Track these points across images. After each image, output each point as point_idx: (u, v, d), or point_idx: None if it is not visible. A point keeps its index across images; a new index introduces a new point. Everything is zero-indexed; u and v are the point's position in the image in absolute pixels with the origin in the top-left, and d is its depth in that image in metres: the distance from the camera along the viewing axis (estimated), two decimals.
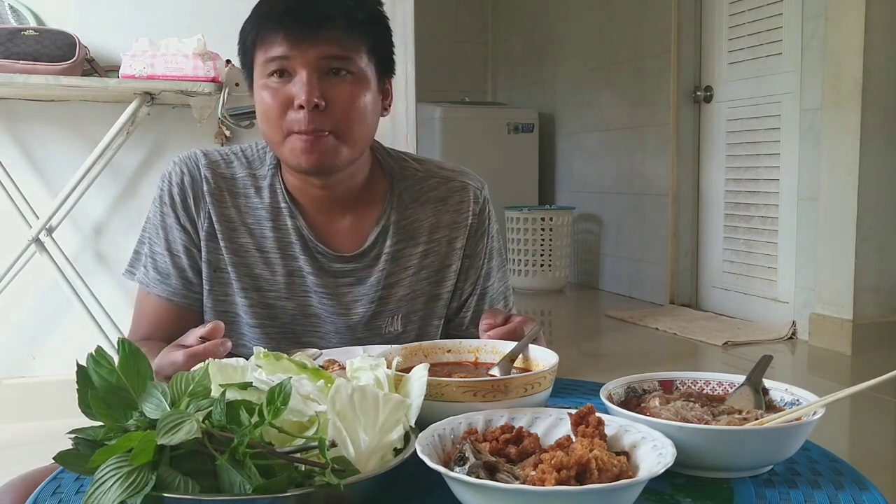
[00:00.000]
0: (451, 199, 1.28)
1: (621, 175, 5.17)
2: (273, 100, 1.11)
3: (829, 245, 3.62)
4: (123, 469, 0.62)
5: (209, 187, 1.21)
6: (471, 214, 1.28)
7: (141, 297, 1.25)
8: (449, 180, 1.29)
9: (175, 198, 1.20)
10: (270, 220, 1.21)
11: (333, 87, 1.11)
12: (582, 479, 0.66)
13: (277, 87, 1.11)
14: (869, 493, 0.75)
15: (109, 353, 0.71)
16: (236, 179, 1.23)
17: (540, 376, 0.86)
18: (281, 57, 1.10)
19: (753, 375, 0.91)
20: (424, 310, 1.27)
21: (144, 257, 1.24)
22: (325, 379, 0.78)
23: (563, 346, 3.87)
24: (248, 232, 1.21)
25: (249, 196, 1.22)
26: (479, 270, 1.30)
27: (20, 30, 2.34)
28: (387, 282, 1.23)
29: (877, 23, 3.40)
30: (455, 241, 1.27)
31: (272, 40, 1.10)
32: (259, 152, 1.25)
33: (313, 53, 1.09)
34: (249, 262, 1.20)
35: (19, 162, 2.61)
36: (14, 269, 2.53)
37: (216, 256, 1.21)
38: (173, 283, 1.21)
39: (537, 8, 6.07)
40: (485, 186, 1.32)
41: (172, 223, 1.21)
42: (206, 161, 1.22)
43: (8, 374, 2.68)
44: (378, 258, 1.23)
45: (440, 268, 1.27)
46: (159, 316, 1.22)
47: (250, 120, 2.55)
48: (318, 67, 1.10)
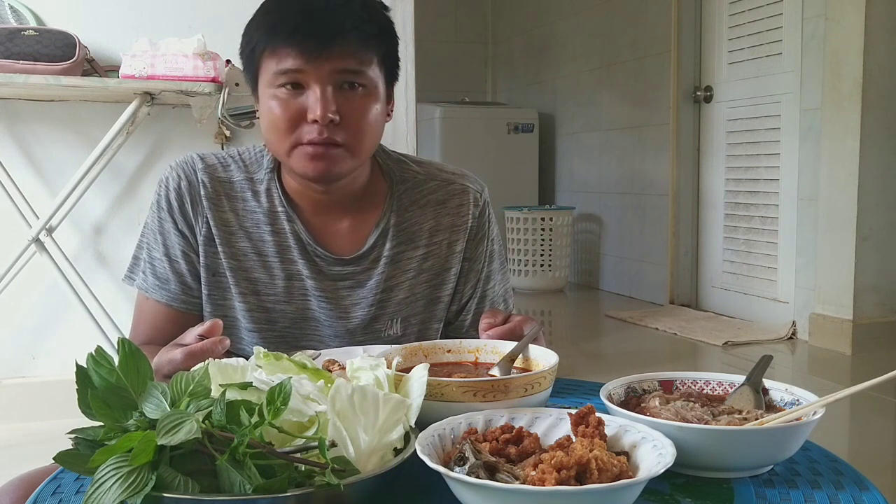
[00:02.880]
0: (451, 201, 1.27)
1: (621, 175, 5.17)
2: (284, 111, 1.10)
3: (829, 245, 3.62)
4: (123, 469, 0.62)
5: (206, 192, 1.20)
6: (471, 217, 1.28)
7: (140, 302, 1.25)
8: (449, 183, 1.29)
9: (172, 203, 1.20)
10: (268, 223, 1.20)
11: (347, 101, 1.10)
12: (582, 479, 0.66)
13: (288, 99, 1.10)
14: (869, 493, 0.75)
15: (109, 353, 0.71)
16: (234, 183, 1.22)
17: (540, 376, 0.86)
18: (294, 70, 1.08)
19: (753, 375, 0.91)
20: (424, 313, 1.26)
21: (143, 262, 1.23)
22: (325, 379, 0.78)
23: (563, 346, 3.87)
24: (247, 236, 1.20)
25: (247, 200, 1.22)
26: (479, 273, 1.30)
27: (20, 30, 2.34)
28: (386, 285, 1.23)
29: (877, 23, 3.40)
30: (455, 244, 1.27)
31: (284, 53, 1.08)
32: (256, 156, 1.25)
33: (327, 68, 1.08)
34: (247, 267, 1.20)
35: (19, 162, 2.61)
36: (14, 269, 2.53)
37: (214, 261, 1.20)
38: (172, 289, 1.21)
39: (537, 8, 6.07)
40: (485, 189, 1.32)
41: (170, 228, 1.20)
42: (203, 165, 1.22)
43: (8, 374, 2.68)
44: (377, 261, 1.23)
45: (440, 271, 1.26)
46: (159, 320, 1.22)
47: (250, 120, 2.54)
48: (332, 81, 1.09)
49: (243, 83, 2.51)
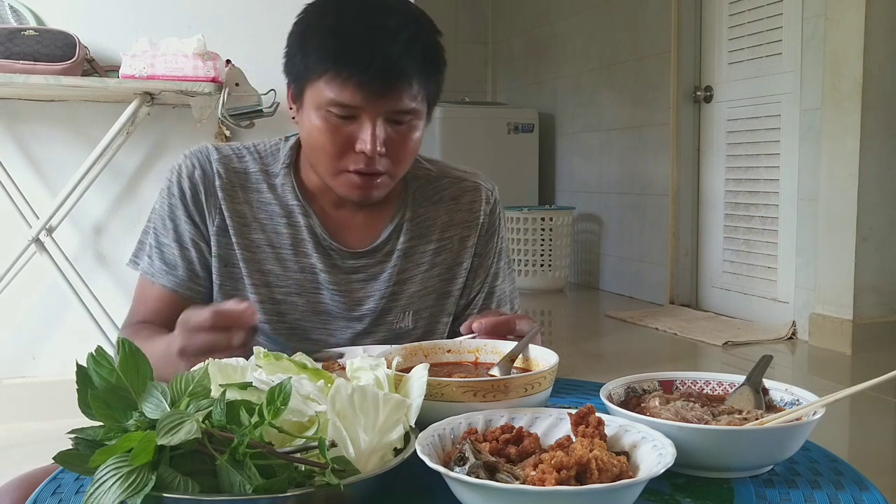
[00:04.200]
0: (464, 198, 1.30)
1: (621, 175, 5.17)
2: (333, 137, 1.11)
3: (829, 245, 3.62)
4: (123, 469, 0.62)
5: (221, 182, 1.21)
6: (482, 214, 1.31)
7: (144, 287, 1.24)
8: (461, 180, 1.32)
9: (185, 191, 1.20)
10: (283, 216, 1.21)
11: (396, 134, 1.12)
12: (582, 479, 0.66)
13: (338, 126, 1.10)
14: (869, 493, 0.75)
15: (109, 353, 0.71)
16: (249, 175, 1.23)
17: (540, 376, 0.87)
18: (350, 105, 1.09)
19: (753, 375, 0.91)
20: (434, 307, 1.28)
21: (149, 247, 1.23)
22: (325, 379, 0.78)
23: (563, 346, 3.87)
24: (261, 228, 1.21)
25: (262, 192, 1.22)
26: (489, 269, 1.32)
27: (20, 30, 2.34)
28: (399, 278, 1.25)
29: (877, 23, 3.40)
30: (467, 239, 1.30)
31: (344, 86, 1.08)
32: (272, 149, 1.26)
33: (383, 106, 1.09)
34: (260, 258, 1.21)
35: (19, 162, 2.61)
36: (14, 269, 2.53)
37: (228, 252, 1.21)
38: (180, 275, 1.20)
39: (537, 8, 6.06)
40: (496, 188, 1.35)
41: (181, 215, 1.20)
42: (217, 156, 1.23)
43: (8, 374, 2.67)
44: (391, 254, 1.25)
45: (451, 265, 1.29)
46: (162, 305, 1.21)
47: (250, 120, 2.54)
48: (383, 116, 1.10)
49: (243, 83, 2.51)
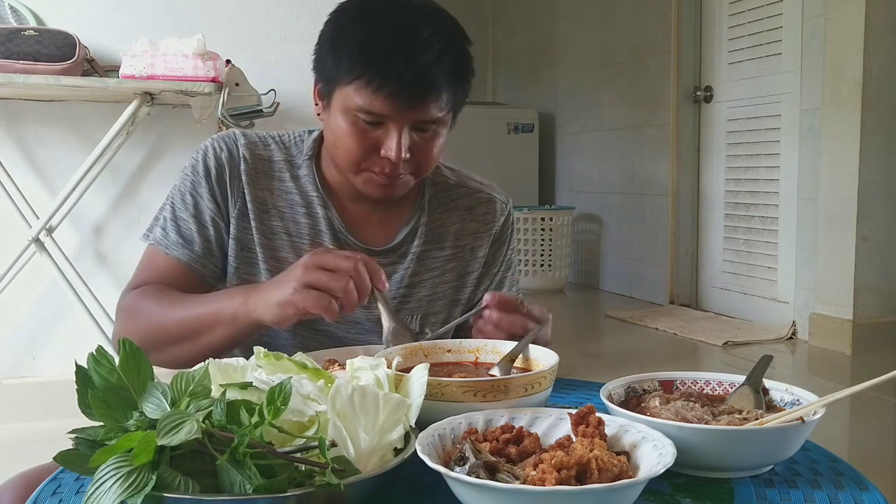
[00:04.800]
0: (478, 209, 1.32)
1: (621, 175, 5.17)
2: (359, 141, 1.12)
3: (829, 245, 3.62)
4: (123, 469, 0.62)
5: (246, 167, 1.22)
6: (496, 226, 1.33)
7: (153, 255, 1.22)
8: (477, 191, 1.34)
9: (211, 170, 1.21)
10: (303, 206, 1.23)
11: (422, 140, 1.14)
12: (582, 479, 0.66)
13: (365, 131, 1.11)
14: (869, 493, 0.75)
15: (110, 353, 0.71)
16: (273, 163, 1.24)
17: (540, 376, 0.86)
18: (379, 114, 1.09)
19: (753, 375, 0.91)
20: (443, 313, 1.30)
21: (163, 220, 1.23)
22: (325, 379, 0.78)
23: (563, 346, 3.85)
24: (280, 215, 1.22)
25: (284, 181, 1.24)
26: (493, 277, 1.34)
27: (20, 30, 2.34)
28: (410, 280, 1.26)
29: (877, 23, 3.40)
30: (478, 249, 1.31)
31: (374, 95, 1.08)
32: (296, 139, 1.27)
33: (412, 116, 1.10)
34: (277, 245, 1.22)
35: (19, 162, 2.61)
36: (14, 269, 2.53)
37: (246, 235, 1.22)
38: (196, 250, 1.20)
39: (537, 8, 6.06)
40: (510, 202, 1.37)
41: (204, 193, 1.21)
42: (245, 141, 1.24)
43: (8, 374, 2.67)
44: (404, 256, 1.26)
45: (462, 273, 1.30)
46: (171, 275, 1.20)
47: (250, 120, 2.54)
48: (410, 125, 1.11)
49: (243, 83, 2.51)
